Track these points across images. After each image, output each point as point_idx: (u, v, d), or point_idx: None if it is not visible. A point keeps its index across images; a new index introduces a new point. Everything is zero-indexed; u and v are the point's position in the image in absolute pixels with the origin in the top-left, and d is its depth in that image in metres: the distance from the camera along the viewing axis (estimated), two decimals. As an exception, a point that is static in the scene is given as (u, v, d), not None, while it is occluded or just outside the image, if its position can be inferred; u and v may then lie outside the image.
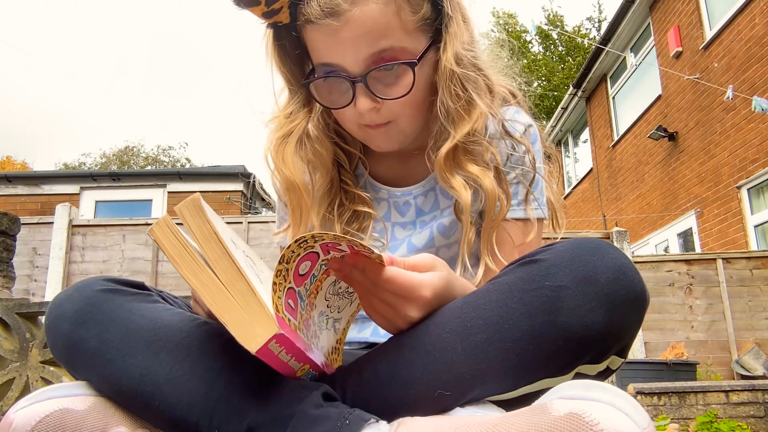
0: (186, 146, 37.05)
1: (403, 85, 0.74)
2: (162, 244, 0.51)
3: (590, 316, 0.52)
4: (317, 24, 0.71)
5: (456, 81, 0.75)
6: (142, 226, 5.78)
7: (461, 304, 0.58)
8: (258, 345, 0.47)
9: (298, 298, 0.55)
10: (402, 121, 0.78)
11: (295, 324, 0.53)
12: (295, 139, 0.81)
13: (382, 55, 0.72)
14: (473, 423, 0.49)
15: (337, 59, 0.73)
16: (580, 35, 17.53)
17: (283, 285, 0.51)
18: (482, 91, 0.78)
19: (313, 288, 0.59)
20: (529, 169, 0.83)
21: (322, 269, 0.58)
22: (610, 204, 9.45)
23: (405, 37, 0.73)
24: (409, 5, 0.73)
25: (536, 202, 0.84)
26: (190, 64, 49.02)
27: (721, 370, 5.15)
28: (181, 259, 0.50)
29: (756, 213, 5.94)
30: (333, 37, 0.71)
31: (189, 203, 0.50)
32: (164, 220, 0.51)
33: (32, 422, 0.54)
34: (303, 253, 0.53)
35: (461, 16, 0.77)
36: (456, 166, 0.78)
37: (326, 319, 0.63)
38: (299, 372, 0.55)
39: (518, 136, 0.83)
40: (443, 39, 0.76)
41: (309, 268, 0.56)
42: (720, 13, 6.52)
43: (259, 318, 0.47)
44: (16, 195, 8.97)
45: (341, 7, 0.69)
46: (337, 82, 0.75)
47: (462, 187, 0.77)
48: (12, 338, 2.36)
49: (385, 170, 0.90)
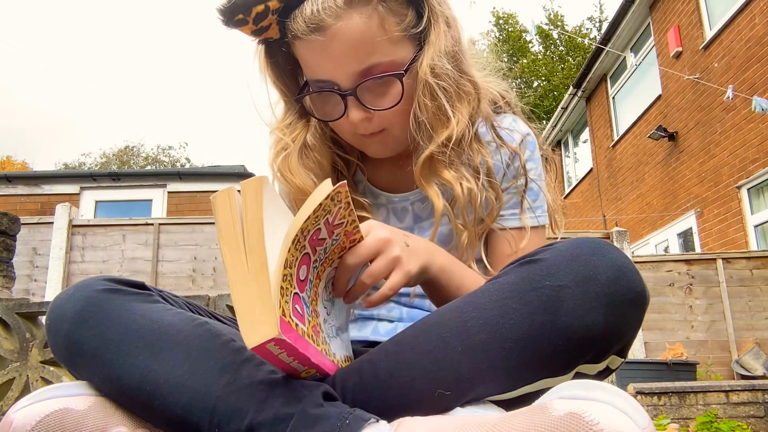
0: (186, 146, 37.11)
1: (392, 96, 0.75)
2: (216, 212, 0.51)
3: (590, 316, 0.52)
4: (305, 40, 0.72)
5: (431, 91, 0.76)
6: (142, 226, 5.79)
7: (461, 304, 0.58)
8: (255, 343, 0.47)
9: (304, 305, 0.55)
10: (395, 128, 0.79)
11: (303, 329, 0.53)
12: (297, 148, 0.83)
13: (371, 68, 0.73)
14: (473, 423, 0.49)
15: (327, 74, 0.74)
16: (581, 35, 17.54)
17: (290, 290, 0.51)
18: (463, 98, 0.78)
19: (313, 294, 0.59)
20: (525, 179, 0.84)
21: (315, 273, 0.59)
22: (610, 204, 9.45)
23: (391, 47, 0.74)
24: (393, 15, 0.73)
25: (532, 211, 0.85)
26: (190, 64, 49.05)
27: (721, 370, 5.15)
28: (226, 232, 0.50)
29: (756, 213, 5.94)
30: (321, 53, 0.73)
31: (252, 182, 0.50)
32: (229, 191, 0.51)
33: (32, 422, 0.54)
34: (299, 256, 0.53)
35: (445, 22, 0.77)
36: (432, 174, 0.80)
37: (331, 326, 0.63)
38: (304, 373, 0.56)
39: (514, 146, 0.84)
40: (422, 49, 0.77)
41: (306, 273, 0.56)
42: (720, 13, 6.52)
43: (266, 317, 0.47)
44: (16, 195, 8.97)
45: (325, 22, 0.70)
46: (329, 96, 0.77)
47: (435, 195, 0.79)
48: (12, 338, 2.36)
49: (383, 176, 0.90)
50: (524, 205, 0.84)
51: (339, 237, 0.59)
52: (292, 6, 0.72)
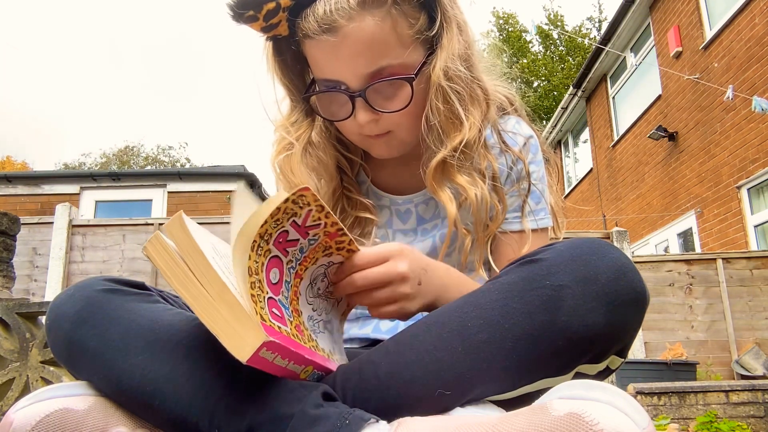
0: (186, 146, 37.08)
1: (401, 99, 0.75)
2: (155, 261, 0.53)
3: (590, 316, 0.52)
4: (315, 39, 0.72)
5: (444, 95, 0.75)
6: (142, 226, 5.79)
7: (461, 304, 0.58)
8: (248, 354, 0.47)
9: (282, 307, 0.56)
10: (401, 131, 0.79)
11: (286, 330, 0.54)
12: (300, 147, 0.82)
13: (381, 70, 0.73)
14: (473, 423, 0.49)
15: (337, 75, 0.74)
16: (581, 35, 17.54)
17: (261, 296, 0.52)
18: (475, 102, 0.78)
19: (292, 294, 0.59)
20: (527, 183, 0.84)
21: (293, 273, 0.59)
22: (610, 204, 9.45)
23: (402, 51, 0.73)
24: (405, 19, 0.73)
25: (533, 215, 0.85)
26: (190, 64, 49.05)
27: (721, 370, 5.15)
28: (172, 274, 0.51)
29: (756, 213, 5.94)
30: (332, 54, 0.72)
31: (173, 221, 0.52)
32: (156, 238, 0.53)
33: (32, 422, 0.54)
34: (265, 260, 0.53)
35: (457, 26, 0.77)
36: (444, 178, 0.79)
37: (316, 322, 0.64)
38: (302, 374, 0.56)
39: (517, 150, 0.84)
40: (434, 52, 0.76)
41: (279, 275, 0.56)
42: (720, 13, 6.52)
43: (247, 328, 0.48)
44: (16, 195, 8.96)
45: (338, 23, 0.70)
46: (336, 95, 0.76)
47: (449, 200, 0.78)
48: (12, 338, 2.36)
49: (386, 178, 0.90)
50: (526, 209, 0.84)
51: (318, 237, 0.59)
52: (303, 4, 0.71)
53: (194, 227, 0.53)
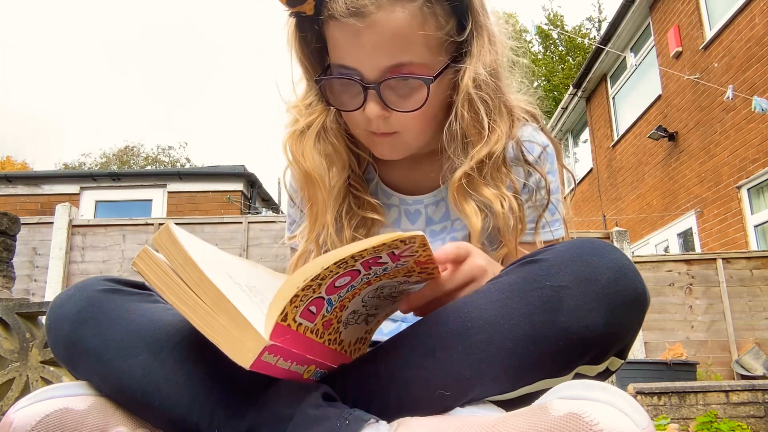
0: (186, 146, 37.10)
1: (415, 100, 0.73)
2: (146, 275, 0.52)
3: (591, 317, 0.52)
4: (340, 22, 0.70)
5: (474, 104, 0.75)
6: (142, 226, 5.78)
7: (461, 304, 0.58)
8: (251, 360, 0.47)
9: (326, 304, 0.55)
10: (408, 134, 0.78)
11: (307, 326, 0.53)
12: (314, 131, 0.80)
13: (400, 67, 0.71)
14: (473, 423, 0.49)
15: (355, 62, 0.72)
16: (580, 35, 17.53)
17: (308, 296, 0.51)
18: (502, 115, 0.77)
19: (349, 294, 0.58)
20: (544, 197, 0.83)
21: (364, 281, 0.58)
22: (610, 204, 9.45)
23: (425, 51, 0.72)
24: (435, 19, 0.72)
25: (549, 226, 0.84)
26: (190, 64, 49.03)
27: (721, 370, 5.15)
28: (165, 287, 0.51)
29: (756, 213, 5.94)
30: (354, 39, 0.70)
31: (161, 233, 0.51)
32: (145, 252, 0.52)
33: (32, 422, 0.54)
34: (342, 272, 0.52)
35: (488, 37, 0.76)
36: (470, 189, 0.78)
37: (358, 316, 0.63)
38: (305, 374, 0.55)
39: (538, 167, 0.83)
40: (465, 60, 0.75)
41: (348, 281, 0.55)
42: (720, 13, 6.52)
43: (246, 334, 0.47)
44: (16, 195, 8.97)
45: (367, 9, 0.68)
46: (350, 85, 0.75)
47: (473, 212, 0.77)
48: (12, 338, 2.36)
49: (396, 176, 0.89)
50: (540, 222, 0.84)
51: (407, 263, 0.58)
52: None
53: (183, 236, 0.52)
